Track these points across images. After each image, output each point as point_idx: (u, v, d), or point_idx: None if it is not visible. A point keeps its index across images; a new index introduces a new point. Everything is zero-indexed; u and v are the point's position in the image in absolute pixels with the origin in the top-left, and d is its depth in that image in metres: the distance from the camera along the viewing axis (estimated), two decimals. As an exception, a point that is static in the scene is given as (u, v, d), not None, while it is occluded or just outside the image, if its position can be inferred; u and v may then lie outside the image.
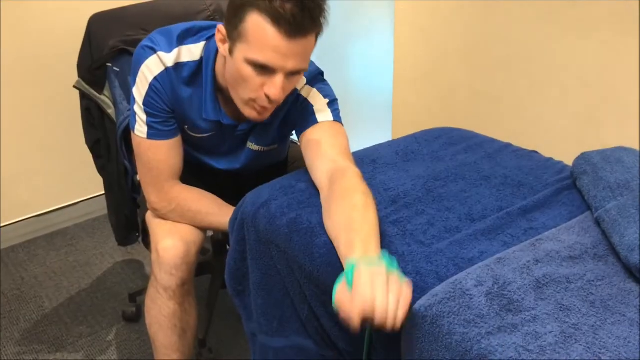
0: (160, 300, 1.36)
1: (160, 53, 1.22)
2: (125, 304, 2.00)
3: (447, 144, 1.38)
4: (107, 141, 1.69)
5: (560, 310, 0.85)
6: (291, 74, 1.12)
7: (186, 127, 1.34)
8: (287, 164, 1.64)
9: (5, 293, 2.10)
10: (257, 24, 1.05)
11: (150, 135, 1.29)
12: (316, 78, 1.31)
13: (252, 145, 1.38)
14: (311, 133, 1.25)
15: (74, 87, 1.60)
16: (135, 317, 1.94)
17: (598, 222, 1.03)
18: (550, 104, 1.79)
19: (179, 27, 1.26)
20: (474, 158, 1.30)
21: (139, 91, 1.25)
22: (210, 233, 2.00)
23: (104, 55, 1.55)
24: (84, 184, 2.39)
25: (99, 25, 1.60)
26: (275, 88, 1.10)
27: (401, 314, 0.83)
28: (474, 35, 1.94)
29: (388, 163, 1.30)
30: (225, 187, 1.48)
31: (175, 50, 1.23)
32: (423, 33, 2.10)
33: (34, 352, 1.84)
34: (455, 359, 0.83)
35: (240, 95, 1.17)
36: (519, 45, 1.82)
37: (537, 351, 0.79)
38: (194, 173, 1.46)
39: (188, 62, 1.24)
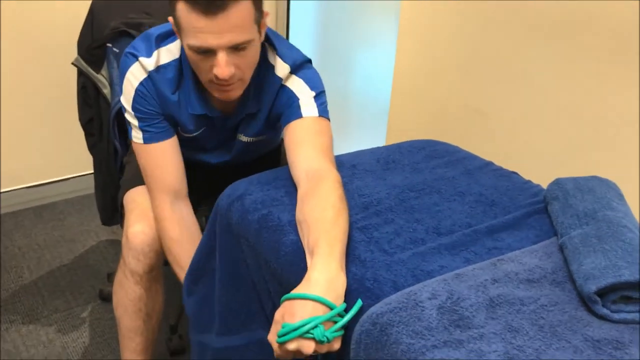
0: (127, 284, 1.37)
1: (141, 59, 1.23)
2: (104, 282, 2.02)
3: (429, 157, 1.39)
4: (100, 120, 1.71)
5: (508, 331, 0.86)
6: (236, 49, 1.11)
7: (179, 128, 1.35)
8: (280, 156, 1.64)
9: (-13, 260, 2.13)
10: (182, 11, 1.08)
11: (146, 140, 1.29)
12: (301, 66, 1.29)
13: (241, 137, 1.37)
14: (294, 128, 1.24)
15: (72, 64, 1.62)
16: (112, 297, 1.95)
17: (562, 249, 1.04)
18: (542, 127, 1.80)
19: (157, 30, 1.26)
20: (452, 173, 1.31)
21: (126, 98, 1.26)
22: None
23: (105, 35, 1.57)
24: (77, 160, 2.41)
25: (102, 5, 1.62)
26: (219, 67, 1.10)
27: None
28: (473, 53, 1.95)
29: (367, 169, 1.31)
30: (219, 181, 1.48)
31: (155, 54, 1.23)
32: (424, 47, 2.12)
33: (7, 321, 1.86)
34: (398, 368, 0.84)
35: (202, 80, 1.18)
36: (516, 67, 1.83)
37: (478, 368, 0.80)
38: (187, 169, 1.46)
39: (170, 62, 1.25)
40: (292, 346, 0.88)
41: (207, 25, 1.06)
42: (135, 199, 1.41)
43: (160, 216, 1.32)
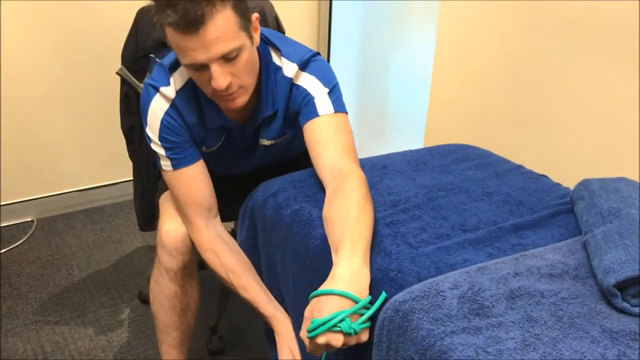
0: (162, 281, 1.42)
1: (162, 89, 1.27)
2: (144, 285, 2.10)
3: (459, 159, 1.42)
4: (141, 128, 1.77)
5: (527, 321, 0.89)
6: (228, 58, 1.13)
7: (204, 147, 1.38)
8: (307, 162, 1.68)
9: (40, 258, 2.24)
10: (169, 34, 1.11)
11: (174, 165, 1.31)
12: (308, 62, 1.30)
13: (264, 141, 1.40)
14: (313, 128, 1.26)
15: (117, 73, 1.70)
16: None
17: (585, 246, 1.06)
18: (579, 135, 1.81)
19: (168, 59, 1.29)
20: (482, 175, 1.34)
21: (152, 130, 1.29)
22: (230, 226, 2.08)
23: (148, 46, 1.64)
24: (125, 166, 2.49)
25: (145, 18, 1.69)
26: (214, 80, 1.13)
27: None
28: (510, 61, 1.97)
29: (398, 170, 1.36)
30: (248, 192, 1.49)
31: (172, 80, 1.27)
32: (462, 51, 2.15)
33: (57, 314, 1.96)
34: (418, 352, 0.88)
35: (207, 94, 1.22)
36: (554, 75, 1.84)
37: (495, 353, 0.83)
38: (215, 185, 1.52)
39: (185, 83, 1.28)
40: (321, 340, 0.92)
41: (192, 43, 1.09)
42: (168, 199, 1.45)
43: (199, 236, 1.35)
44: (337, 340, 0.92)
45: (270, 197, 1.27)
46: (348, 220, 1.05)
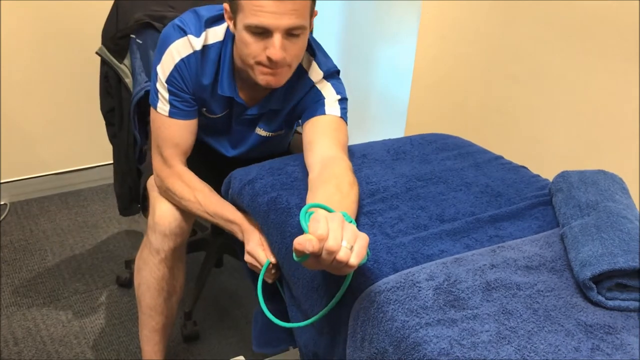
0: (152, 262, 1.41)
1: (190, 36, 1.26)
2: (122, 269, 2.07)
3: (439, 149, 1.41)
4: (121, 110, 1.74)
5: (502, 313, 0.88)
6: (290, 35, 1.16)
7: (204, 109, 1.38)
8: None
9: (13, 242, 2.20)
10: None
11: (171, 114, 1.32)
12: (332, 75, 1.35)
13: (260, 131, 1.42)
14: (316, 122, 1.29)
15: (96, 53, 1.67)
16: (128, 283, 2.00)
17: (562, 238, 1.05)
18: (559, 126, 1.81)
19: (208, 13, 1.29)
20: (461, 165, 1.33)
21: (163, 69, 1.29)
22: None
23: (129, 26, 1.61)
24: (102, 149, 2.47)
25: (127, -3, 1.67)
26: (274, 48, 1.14)
27: (357, 248, 0.82)
28: (493, 51, 1.97)
29: (377, 159, 1.34)
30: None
31: (204, 34, 1.27)
32: (445, 44, 2.13)
33: (29, 300, 1.93)
34: (392, 344, 0.87)
35: (247, 62, 1.21)
36: (535, 65, 1.84)
37: (469, 346, 0.82)
38: (205, 161, 1.50)
39: (214, 43, 1.29)
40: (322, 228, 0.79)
41: (270, 5, 1.11)
42: None
43: (169, 168, 1.35)
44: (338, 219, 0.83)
45: (247, 184, 1.24)
46: (332, 205, 1.02)
